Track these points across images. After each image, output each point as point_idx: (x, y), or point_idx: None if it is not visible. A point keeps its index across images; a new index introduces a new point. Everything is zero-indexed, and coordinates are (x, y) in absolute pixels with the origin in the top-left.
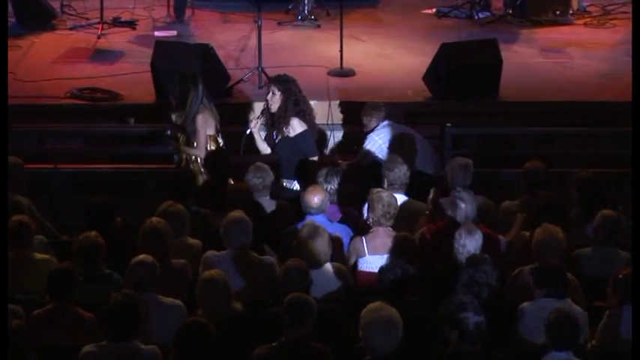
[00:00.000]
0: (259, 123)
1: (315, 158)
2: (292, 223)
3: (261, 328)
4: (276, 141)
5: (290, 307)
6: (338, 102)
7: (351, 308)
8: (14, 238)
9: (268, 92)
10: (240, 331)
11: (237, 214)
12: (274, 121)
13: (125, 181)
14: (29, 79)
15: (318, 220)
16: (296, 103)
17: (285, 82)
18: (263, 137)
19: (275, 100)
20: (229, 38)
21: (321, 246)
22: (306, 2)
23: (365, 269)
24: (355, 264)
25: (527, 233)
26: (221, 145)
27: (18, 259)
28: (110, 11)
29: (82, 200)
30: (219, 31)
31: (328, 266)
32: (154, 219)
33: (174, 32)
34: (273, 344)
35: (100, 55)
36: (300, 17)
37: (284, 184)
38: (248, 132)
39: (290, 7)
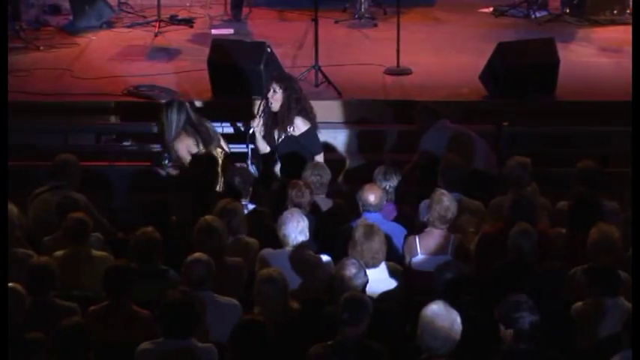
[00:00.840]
0: (261, 122)
1: (322, 155)
2: (348, 222)
3: (317, 326)
4: (279, 140)
5: (346, 305)
6: (394, 100)
7: (407, 307)
8: (72, 235)
9: (269, 90)
10: (296, 330)
11: (295, 211)
12: (277, 120)
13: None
14: (86, 76)
15: (374, 218)
16: (297, 101)
17: (286, 80)
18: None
19: (276, 98)
20: (286, 36)
21: (377, 245)
22: (362, 1)
23: (417, 268)
24: (409, 263)
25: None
26: (228, 151)
27: (76, 256)
28: (167, 9)
29: (138, 198)
30: (275, 29)
31: (384, 265)
32: (210, 217)
33: (232, 30)
34: (329, 343)
35: (157, 52)
36: (356, 16)
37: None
38: (251, 131)
39: (347, 5)
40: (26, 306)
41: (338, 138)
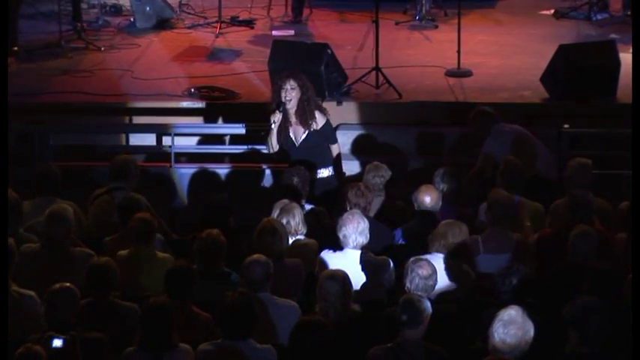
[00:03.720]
0: (280, 118)
1: (338, 145)
2: (406, 222)
3: (376, 328)
4: (302, 137)
5: (405, 307)
6: (454, 102)
7: (468, 309)
8: (137, 235)
9: (283, 87)
10: (356, 331)
11: (355, 213)
12: (297, 117)
13: (240, 180)
14: (147, 77)
15: None
16: (314, 95)
17: (301, 77)
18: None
19: (293, 94)
20: (347, 38)
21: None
22: (423, 2)
23: (480, 268)
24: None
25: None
26: None
27: (139, 256)
28: (228, 10)
29: (197, 199)
30: (336, 31)
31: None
32: (270, 218)
33: (292, 31)
34: (388, 345)
35: (218, 53)
36: (417, 17)
37: (319, 175)
38: (273, 126)
39: (407, 7)
40: (79, 306)
41: (398, 139)
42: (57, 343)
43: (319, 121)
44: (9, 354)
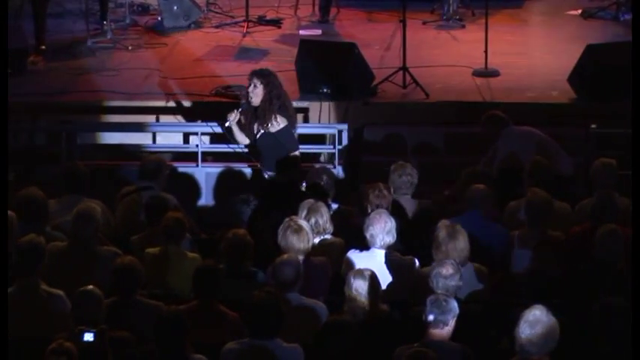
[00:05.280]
0: (238, 116)
1: (297, 153)
2: (434, 223)
3: (403, 328)
4: (258, 135)
5: (432, 307)
6: (481, 102)
7: (494, 309)
8: (168, 234)
9: (249, 85)
10: (383, 331)
11: (382, 212)
12: (258, 115)
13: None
14: (174, 76)
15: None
16: (278, 96)
17: (267, 76)
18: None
19: (257, 92)
20: (374, 37)
21: (462, 244)
22: (451, 2)
23: (515, 267)
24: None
25: None
26: None
27: (168, 255)
28: (255, 9)
29: (223, 198)
30: (363, 30)
31: (470, 266)
32: (295, 217)
33: (319, 31)
34: (415, 345)
35: (245, 53)
36: (444, 17)
37: (266, 175)
38: (227, 124)
39: (435, 6)
40: (104, 307)
41: (425, 139)
42: (88, 337)
43: (279, 124)
44: (36, 352)
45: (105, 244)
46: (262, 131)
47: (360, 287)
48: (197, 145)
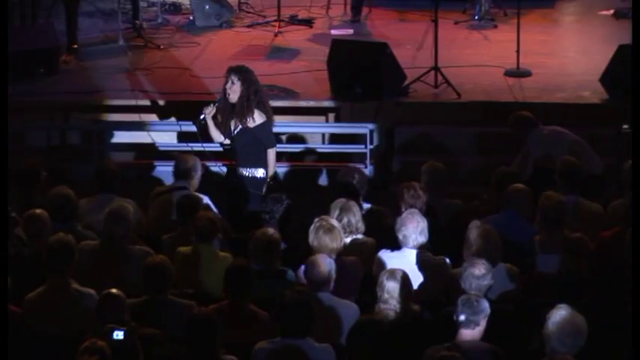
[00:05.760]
0: (214, 111)
1: (274, 149)
2: (465, 224)
3: (435, 328)
4: (236, 131)
5: (463, 307)
6: (513, 102)
7: (525, 310)
8: (201, 233)
9: (227, 81)
10: (414, 331)
11: (414, 212)
12: (235, 111)
13: (298, 178)
14: (206, 75)
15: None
16: (256, 93)
17: (244, 72)
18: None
19: (234, 89)
20: (405, 37)
21: (493, 245)
22: (483, 2)
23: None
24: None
25: None
26: None
27: (201, 254)
28: (287, 9)
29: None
30: (395, 30)
31: (501, 266)
32: (325, 216)
33: (351, 30)
34: (446, 345)
35: (277, 52)
36: (476, 17)
37: (243, 172)
38: (202, 117)
39: (467, 6)
40: (128, 310)
41: (456, 139)
42: (118, 335)
43: (256, 120)
44: (67, 351)
45: (136, 243)
46: (240, 127)
47: (392, 288)
48: (229, 145)
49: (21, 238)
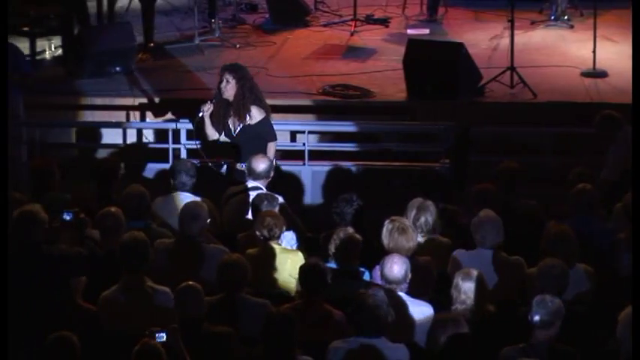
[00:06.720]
0: (211, 108)
1: (275, 142)
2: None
3: (510, 328)
4: (237, 129)
5: (538, 308)
6: (589, 103)
7: (601, 310)
8: (266, 234)
9: (221, 80)
10: (490, 331)
11: (490, 213)
12: (233, 110)
13: (372, 178)
14: (282, 74)
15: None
16: (251, 90)
17: (238, 70)
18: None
19: (229, 88)
20: (481, 37)
21: (569, 246)
22: (559, 2)
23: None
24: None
25: None
26: None
27: (268, 254)
28: (363, 8)
29: (329, 197)
30: (471, 30)
31: (578, 267)
32: (399, 217)
33: (427, 30)
34: (521, 345)
35: (353, 52)
36: (553, 17)
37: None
38: (200, 115)
39: (543, 6)
40: (206, 303)
41: (532, 140)
42: (160, 337)
43: (256, 116)
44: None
45: (212, 242)
46: (241, 125)
47: (467, 288)
48: (304, 144)
49: (93, 238)
